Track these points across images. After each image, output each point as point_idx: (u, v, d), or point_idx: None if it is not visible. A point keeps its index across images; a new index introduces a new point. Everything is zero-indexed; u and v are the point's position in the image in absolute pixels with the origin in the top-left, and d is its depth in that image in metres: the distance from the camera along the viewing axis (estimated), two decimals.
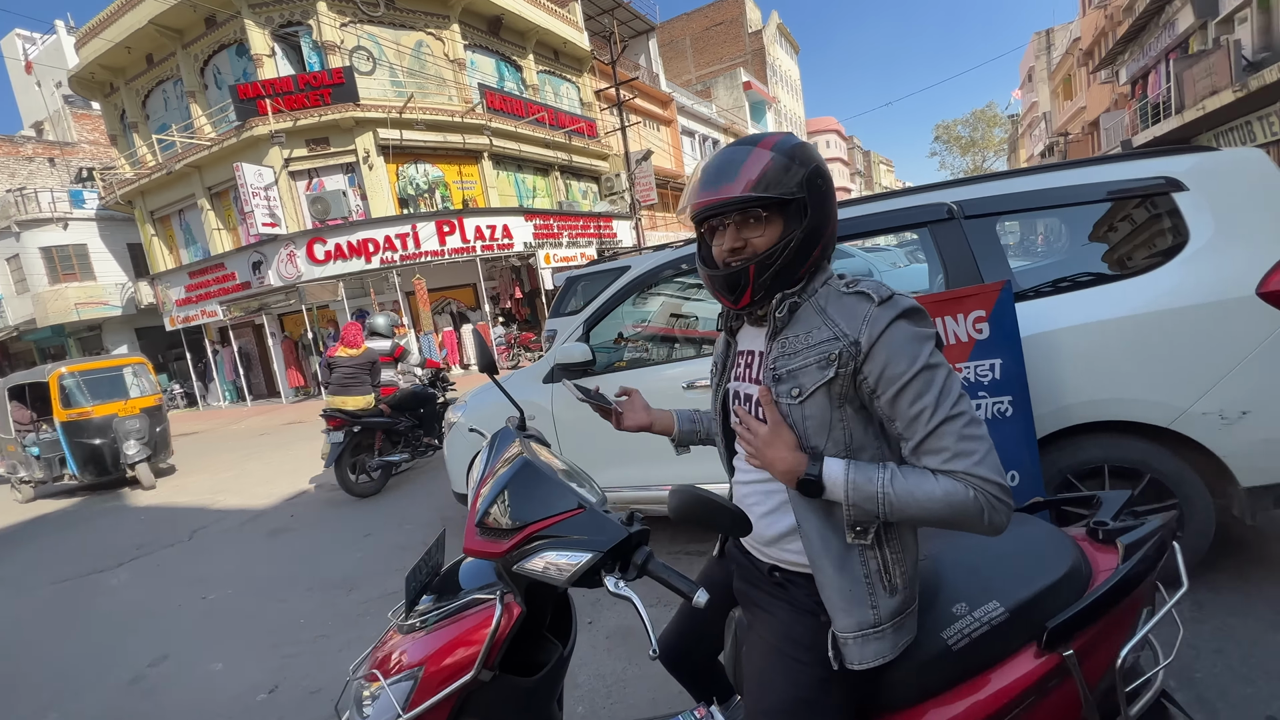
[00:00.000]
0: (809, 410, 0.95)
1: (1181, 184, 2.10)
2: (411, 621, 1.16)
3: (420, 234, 13.89)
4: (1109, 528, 1.16)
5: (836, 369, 0.92)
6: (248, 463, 8.15)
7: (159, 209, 16.54)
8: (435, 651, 1.07)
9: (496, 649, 1.04)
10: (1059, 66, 32.73)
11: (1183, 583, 1.06)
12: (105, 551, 5.00)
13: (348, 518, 4.87)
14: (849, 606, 0.96)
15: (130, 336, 19.96)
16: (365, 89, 14.10)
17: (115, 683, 2.85)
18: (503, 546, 1.04)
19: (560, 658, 1.17)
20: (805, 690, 0.99)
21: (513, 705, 1.11)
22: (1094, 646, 1.02)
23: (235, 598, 3.65)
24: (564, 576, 0.99)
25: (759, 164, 0.93)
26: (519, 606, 1.07)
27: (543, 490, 1.07)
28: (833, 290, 0.98)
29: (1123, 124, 20.94)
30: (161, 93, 15.93)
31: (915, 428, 0.90)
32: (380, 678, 1.09)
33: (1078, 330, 2.15)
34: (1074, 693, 1.00)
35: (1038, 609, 1.02)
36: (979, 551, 1.14)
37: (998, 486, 0.87)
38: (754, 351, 1.07)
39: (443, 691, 1.03)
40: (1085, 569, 1.09)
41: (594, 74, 21.23)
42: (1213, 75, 13.02)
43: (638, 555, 1.01)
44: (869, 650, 0.96)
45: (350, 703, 1.16)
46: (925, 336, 0.91)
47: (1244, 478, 2.01)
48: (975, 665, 1.02)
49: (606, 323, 3.25)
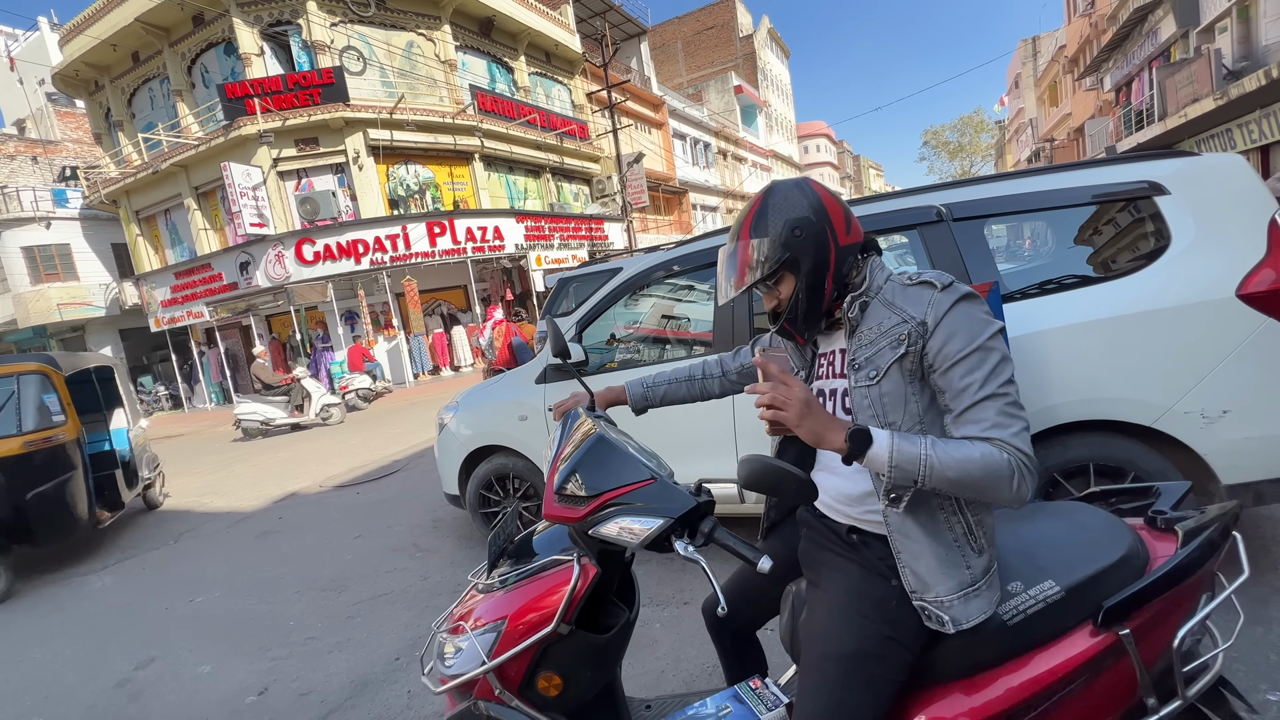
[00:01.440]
0: (885, 388, 1.06)
1: (1164, 188, 2.15)
2: (490, 582, 1.26)
3: (411, 235, 13.83)
4: (1168, 515, 1.17)
5: (906, 347, 1.03)
6: (234, 465, 8.06)
7: (144, 209, 16.34)
8: (518, 608, 1.16)
9: (574, 605, 1.13)
10: (1045, 73, 33.19)
11: (1244, 570, 1.07)
12: (89, 554, 4.93)
13: (337, 520, 4.83)
14: (947, 570, 1.03)
15: (114, 338, 19.68)
16: (355, 89, 14.03)
17: (101, 686, 2.82)
18: (580, 512, 1.14)
19: (627, 621, 1.25)
20: (870, 645, 1.04)
21: (585, 659, 1.19)
22: (1151, 627, 1.02)
23: (223, 600, 3.62)
24: (637, 540, 1.08)
25: (747, 255, 1.11)
26: (594, 568, 1.16)
27: (616, 462, 1.16)
28: (897, 285, 1.11)
29: (1107, 130, 21.28)
30: (148, 91, 15.76)
31: (962, 399, 0.99)
32: (466, 629, 1.19)
33: (1064, 331, 2.19)
34: (1129, 672, 1.01)
35: (1094, 589, 1.04)
36: (1034, 537, 1.17)
37: (1029, 458, 0.94)
38: (835, 350, 1.19)
39: (524, 642, 1.12)
40: (1143, 554, 1.11)
41: (586, 76, 21.26)
42: (1194, 83, 13.27)
43: (705, 524, 1.10)
44: (972, 608, 1.02)
45: (434, 654, 1.25)
46: (986, 320, 1.02)
47: (1224, 475, 2.05)
48: (1030, 641, 1.04)
49: (599, 324, 3.26)
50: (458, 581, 3.28)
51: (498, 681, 1.15)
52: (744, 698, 1.29)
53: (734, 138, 33.57)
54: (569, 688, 1.18)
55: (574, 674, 1.19)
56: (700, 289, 3.12)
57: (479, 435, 3.53)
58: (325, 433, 9.66)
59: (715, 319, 2.88)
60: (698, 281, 3.13)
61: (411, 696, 2.34)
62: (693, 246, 3.05)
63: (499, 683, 1.15)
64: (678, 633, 2.47)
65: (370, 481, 5.91)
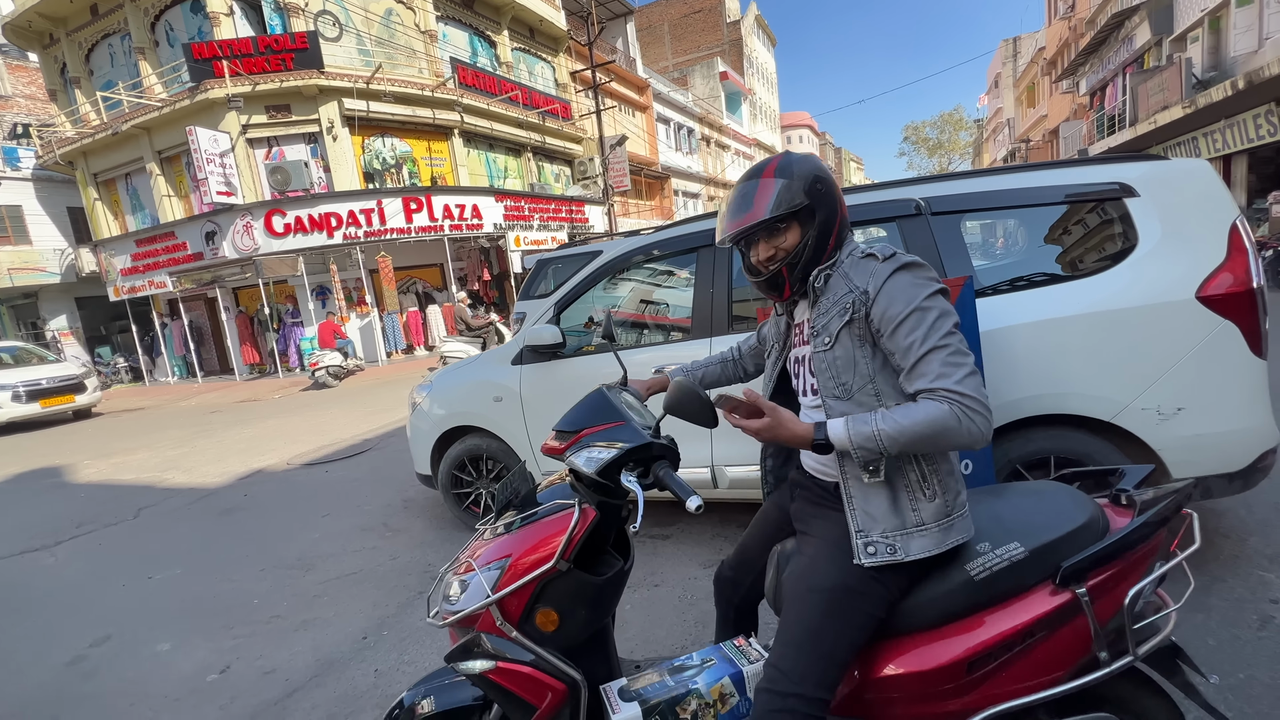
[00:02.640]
0: (837, 353, 1.18)
1: (1134, 190, 2.20)
2: (497, 528, 1.36)
3: (386, 210, 13.50)
4: (1130, 493, 1.26)
5: (852, 314, 1.15)
6: (198, 440, 7.85)
7: (103, 171, 15.60)
8: (524, 547, 1.26)
9: (574, 545, 1.23)
10: (1024, 74, 33.71)
11: (1195, 541, 1.13)
12: (41, 529, 4.76)
13: (305, 498, 4.75)
14: (894, 510, 1.14)
15: (70, 306, 18.85)
16: (330, 56, 13.54)
17: (53, 664, 2.73)
18: (565, 444, 1.31)
19: (621, 570, 1.34)
20: (854, 580, 1.14)
21: (581, 598, 1.28)
22: (1107, 588, 1.10)
23: (184, 577, 3.53)
24: (594, 466, 1.22)
25: (769, 191, 1.18)
26: (594, 512, 1.26)
27: (601, 409, 1.34)
28: (853, 258, 1.21)
29: (1081, 133, 21.76)
30: (107, 47, 14.98)
31: (909, 356, 1.08)
32: (474, 565, 1.28)
33: (1031, 327, 2.24)
34: (1084, 629, 1.09)
35: (1056, 551, 1.12)
36: (1006, 508, 1.25)
37: (973, 399, 1.03)
38: (803, 320, 1.31)
39: (526, 577, 1.21)
40: (1103, 522, 1.19)
41: (570, 55, 20.88)
42: (1165, 91, 13.63)
43: (657, 466, 1.23)
44: (914, 544, 1.12)
45: (439, 597, 1.33)
46: (922, 283, 1.11)
47: (1175, 470, 2.14)
48: (994, 596, 1.13)
49: (577, 306, 3.23)
50: (428, 561, 3.26)
51: (500, 614, 1.23)
52: (727, 652, 1.38)
53: (718, 124, 33.42)
54: (564, 624, 1.26)
55: (570, 611, 1.27)
56: (680, 275, 3.11)
57: (453, 415, 3.49)
58: (294, 410, 9.45)
59: (694, 304, 2.88)
60: (677, 267, 3.13)
61: (379, 675, 2.32)
62: (673, 231, 3.04)
63: (500, 615, 1.23)
64: (648, 614, 2.50)
65: (340, 460, 5.81)
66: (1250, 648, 1.88)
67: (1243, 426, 2.11)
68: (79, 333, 18.62)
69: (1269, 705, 1.66)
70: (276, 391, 11.97)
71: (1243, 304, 2.04)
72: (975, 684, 1.12)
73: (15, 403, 10.19)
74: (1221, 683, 1.75)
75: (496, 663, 1.22)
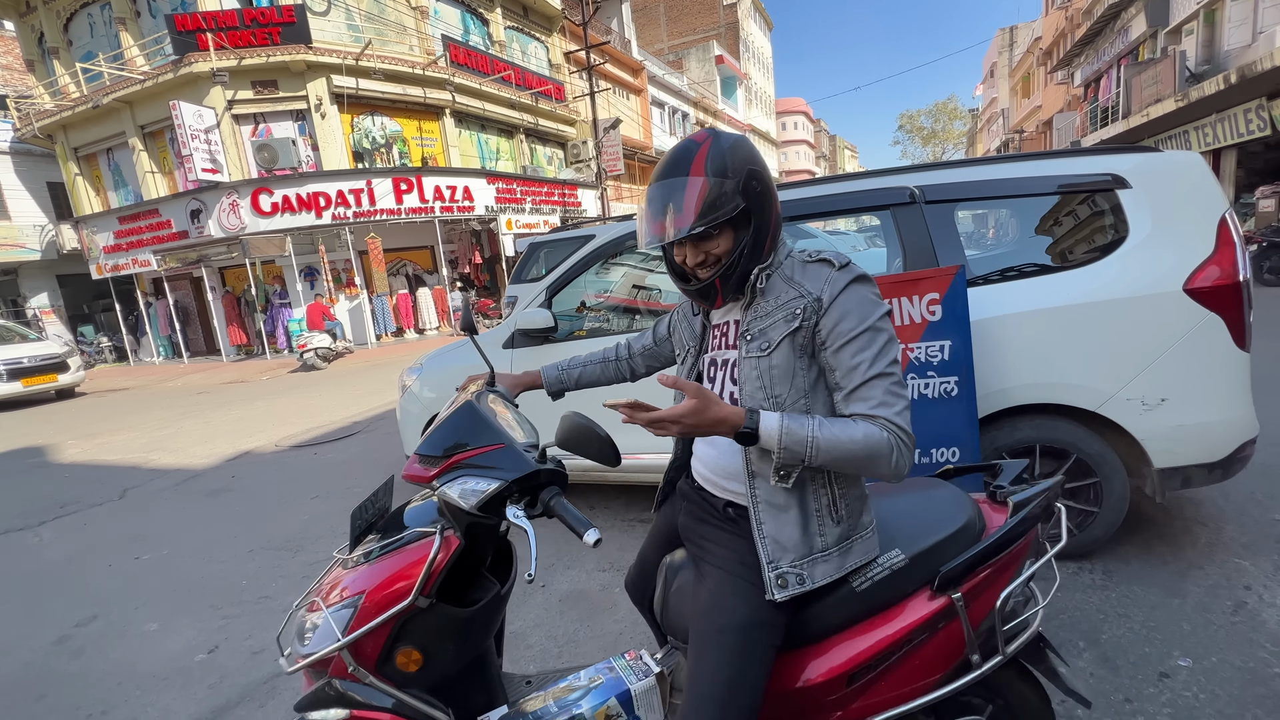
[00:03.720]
0: (775, 360, 1.07)
1: (1126, 181, 2.21)
2: (355, 556, 1.22)
3: (376, 190, 13.30)
4: (1004, 490, 1.28)
5: (801, 321, 1.05)
6: (184, 421, 7.77)
7: (84, 146, 15.23)
8: (377, 581, 1.13)
9: (434, 578, 1.12)
10: (1020, 64, 33.62)
11: (1063, 538, 1.18)
12: (25, 509, 4.71)
13: (294, 479, 4.73)
14: (803, 537, 1.08)
15: (51, 283, 18.49)
16: (318, 31, 13.25)
17: (39, 643, 2.72)
18: (432, 472, 1.17)
19: (496, 595, 1.24)
20: (761, 612, 1.08)
21: (448, 634, 1.18)
22: (980, 591, 1.12)
23: (171, 558, 3.52)
24: (474, 500, 1.10)
25: (697, 193, 1.02)
26: (457, 540, 1.14)
27: (474, 427, 1.18)
28: (796, 261, 1.12)
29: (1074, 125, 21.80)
30: (86, 16, 14.53)
31: (852, 377, 1.02)
32: (322, 605, 1.15)
33: (1021, 317, 2.26)
34: (958, 633, 1.11)
35: (935, 557, 1.13)
36: (889, 509, 1.24)
37: (909, 436, 1.00)
38: (729, 322, 1.18)
39: (381, 616, 1.09)
40: (980, 524, 1.21)
41: (564, 35, 20.55)
42: (1158, 83, 13.66)
43: (546, 493, 1.13)
44: (818, 571, 1.08)
45: (292, 636, 1.19)
46: (876, 302, 1.05)
47: (1158, 459, 2.18)
48: (876, 605, 1.12)
49: (569, 290, 3.21)
50: None
51: (352, 659, 1.12)
52: (616, 667, 1.32)
53: (713, 109, 33.13)
54: (430, 663, 1.16)
55: (435, 648, 1.17)
56: None
57: (443, 399, 3.47)
58: (282, 391, 9.37)
59: None
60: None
61: None
62: None
63: (354, 659, 1.12)
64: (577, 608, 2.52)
65: (329, 442, 5.78)
66: (1224, 632, 1.93)
67: (1224, 418, 2.15)
68: (61, 311, 18.27)
69: (1239, 687, 1.71)
70: (264, 373, 11.86)
71: (1228, 297, 2.07)
72: (855, 695, 1.11)
73: None
74: (1195, 665, 1.80)
75: (351, 711, 1.11)
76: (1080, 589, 2.22)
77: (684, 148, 1.06)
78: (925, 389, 2.25)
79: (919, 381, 2.25)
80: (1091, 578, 2.28)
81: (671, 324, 1.43)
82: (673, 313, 1.42)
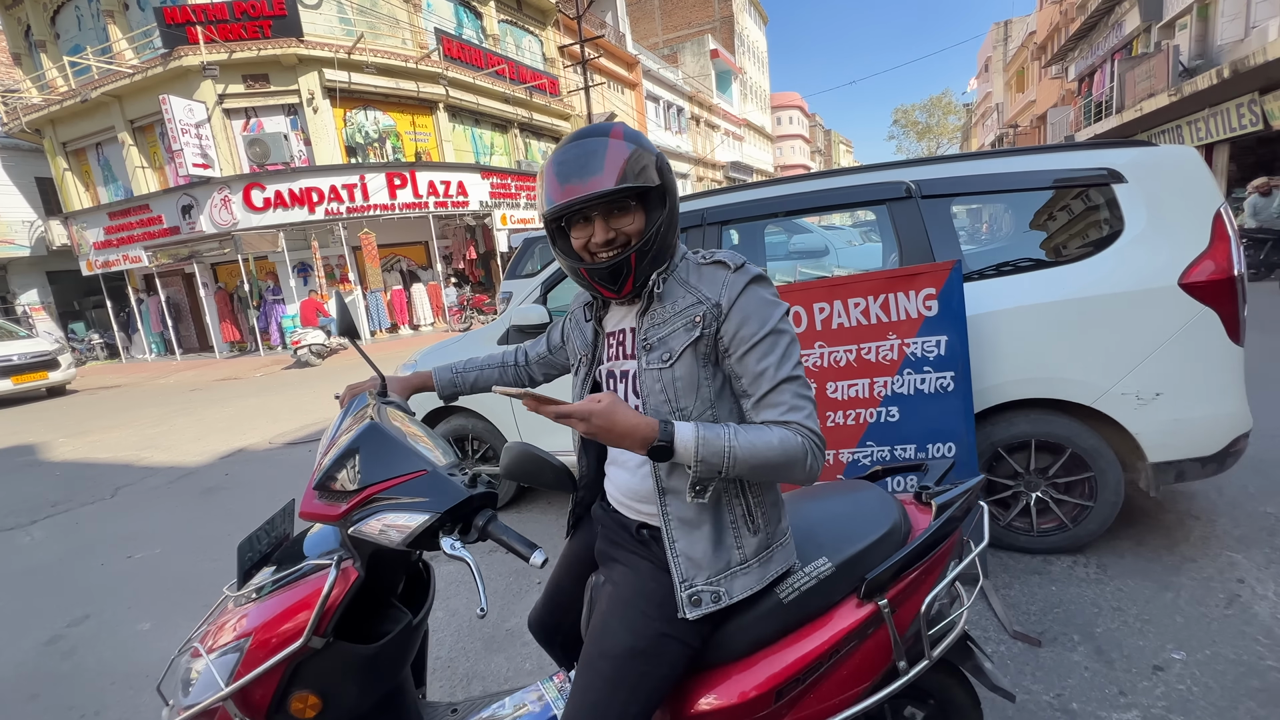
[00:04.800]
0: (678, 372, 1.02)
1: (1122, 176, 2.21)
2: (246, 592, 1.12)
3: (369, 186, 13.22)
4: (930, 491, 1.27)
5: (701, 329, 1.00)
6: (177, 418, 7.72)
7: (72, 141, 15.06)
8: (265, 621, 1.03)
9: (329, 615, 1.02)
10: (1014, 58, 33.65)
11: (985, 537, 1.19)
12: (15, 508, 4.67)
13: (288, 478, 4.70)
14: (718, 552, 1.04)
15: (41, 280, 18.30)
16: (310, 24, 13.12)
17: (31, 643, 2.70)
18: (340, 509, 1.03)
19: (407, 626, 1.15)
20: (643, 641, 1.03)
21: (350, 674, 1.08)
22: (906, 596, 1.11)
23: (164, 557, 3.49)
24: (400, 537, 0.99)
25: (621, 155, 0.95)
26: (356, 572, 1.05)
27: (385, 453, 1.05)
28: (691, 263, 1.07)
29: (1068, 119, 21.84)
30: (74, 9, 14.36)
31: (760, 384, 0.98)
32: (203, 652, 1.05)
33: (1016, 312, 2.26)
34: (885, 640, 1.10)
35: (861, 563, 1.11)
36: (818, 515, 1.22)
37: (820, 438, 0.98)
38: (624, 330, 1.11)
39: (270, 661, 1.00)
40: (905, 527, 1.20)
41: (558, 29, 20.43)
42: (1152, 78, 13.69)
43: (479, 517, 1.03)
44: (737, 585, 1.04)
45: (177, 683, 1.09)
46: (775, 303, 1.01)
47: (1152, 454, 2.19)
48: (804, 616, 1.09)
49: (564, 286, 3.20)
50: None
51: (238, 709, 1.02)
52: (544, 693, 1.27)
53: (708, 104, 33.03)
54: (330, 707, 1.07)
55: (336, 691, 1.07)
56: None
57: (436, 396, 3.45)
58: (276, 388, 9.32)
59: None
60: None
61: None
62: None
63: (240, 710, 1.02)
64: None
65: None
66: (1217, 625, 1.94)
67: (1218, 412, 2.15)
68: (51, 308, 18.12)
69: (1233, 680, 1.72)
70: (258, 370, 11.79)
71: (1223, 291, 2.07)
72: (784, 710, 1.08)
73: None
74: (1188, 658, 1.81)
75: None
76: (1074, 583, 2.23)
77: (596, 125, 1.02)
78: (921, 384, 2.25)
79: (915, 377, 2.25)
80: (1086, 571, 2.29)
81: (565, 331, 1.34)
82: (564, 319, 1.34)
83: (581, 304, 1.24)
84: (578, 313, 1.25)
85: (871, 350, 2.27)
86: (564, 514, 3.25)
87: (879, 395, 2.30)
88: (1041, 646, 1.57)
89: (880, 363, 2.28)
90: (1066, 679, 1.78)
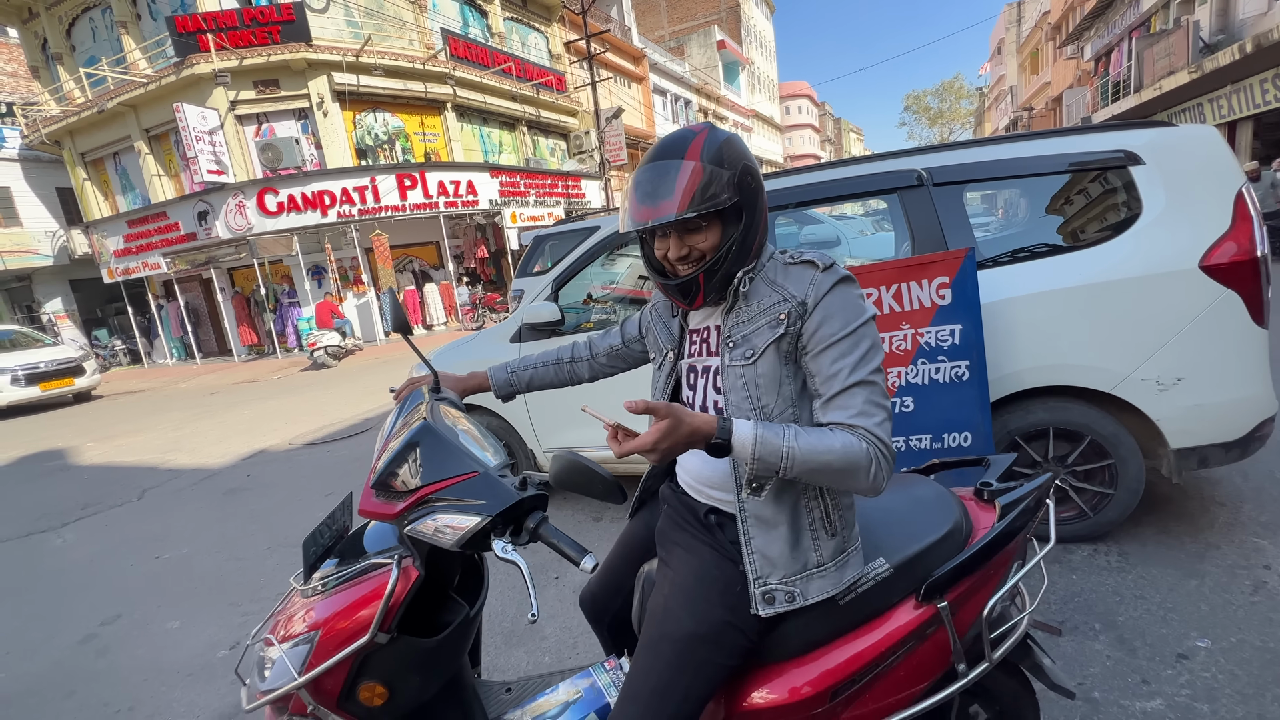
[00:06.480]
0: (761, 369, 1.02)
1: (1139, 157, 2.17)
2: (312, 585, 1.15)
3: (380, 187, 13.32)
4: (992, 488, 1.24)
5: (785, 327, 1.00)
6: (199, 421, 7.87)
7: (90, 151, 15.35)
8: (332, 615, 1.07)
9: (393, 613, 1.05)
10: (1027, 40, 32.98)
11: (1051, 539, 1.16)
12: (47, 511, 4.80)
13: (308, 477, 4.78)
14: (795, 553, 1.03)
15: (65, 288, 18.73)
16: (318, 28, 13.22)
17: (66, 642, 2.78)
18: (396, 509, 1.06)
19: (465, 618, 1.17)
20: (706, 628, 1.03)
21: (414, 665, 1.12)
22: (967, 597, 1.09)
23: (191, 557, 3.57)
24: (453, 539, 1.01)
25: (693, 178, 0.96)
26: (416, 570, 1.08)
27: (440, 454, 1.07)
28: (778, 263, 1.07)
29: (1084, 100, 21.39)
30: (88, 21, 14.60)
31: (832, 384, 0.97)
32: (275, 642, 1.09)
33: (1033, 299, 2.23)
34: (945, 642, 1.08)
35: (920, 565, 1.09)
36: (872, 513, 1.19)
37: (889, 449, 0.94)
38: (709, 327, 1.12)
39: (339, 654, 1.03)
40: (966, 526, 1.17)
41: (564, 24, 20.39)
42: (1171, 55, 13.35)
43: (530, 520, 1.04)
44: (813, 587, 1.03)
45: (252, 667, 1.15)
46: (861, 306, 0.99)
47: (1174, 440, 2.15)
48: (860, 617, 1.08)
49: (575, 283, 3.21)
50: None
51: (311, 697, 1.06)
52: (596, 679, 1.28)
53: (715, 95, 32.81)
54: (395, 695, 1.11)
55: (401, 681, 1.11)
56: None
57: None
58: (294, 390, 9.46)
59: None
60: None
61: None
62: None
63: (313, 698, 1.07)
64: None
65: (342, 440, 5.83)
66: (1243, 612, 1.91)
67: (1242, 396, 2.11)
68: (75, 315, 18.52)
69: (1259, 668, 1.69)
70: (276, 372, 11.97)
71: (1246, 273, 2.03)
72: (839, 709, 1.08)
73: (15, 386, 10.20)
74: (1213, 646, 1.79)
75: None
76: (1096, 571, 2.21)
77: (679, 134, 1.02)
78: (936, 374, 2.23)
79: (929, 366, 2.23)
80: (1108, 560, 2.26)
81: (644, 325, 1.35)
82: (643, 312, 1.35)
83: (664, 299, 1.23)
84: (660, 307, 1.25)
85: (885, 340, 2.26)
86: (596, 511, 3.27)
87: (893, 386, 2.28)
88: (1061, 635, 1.55)
89: (894, 353, 2.26)
90: (1088, 668, 1.77)
